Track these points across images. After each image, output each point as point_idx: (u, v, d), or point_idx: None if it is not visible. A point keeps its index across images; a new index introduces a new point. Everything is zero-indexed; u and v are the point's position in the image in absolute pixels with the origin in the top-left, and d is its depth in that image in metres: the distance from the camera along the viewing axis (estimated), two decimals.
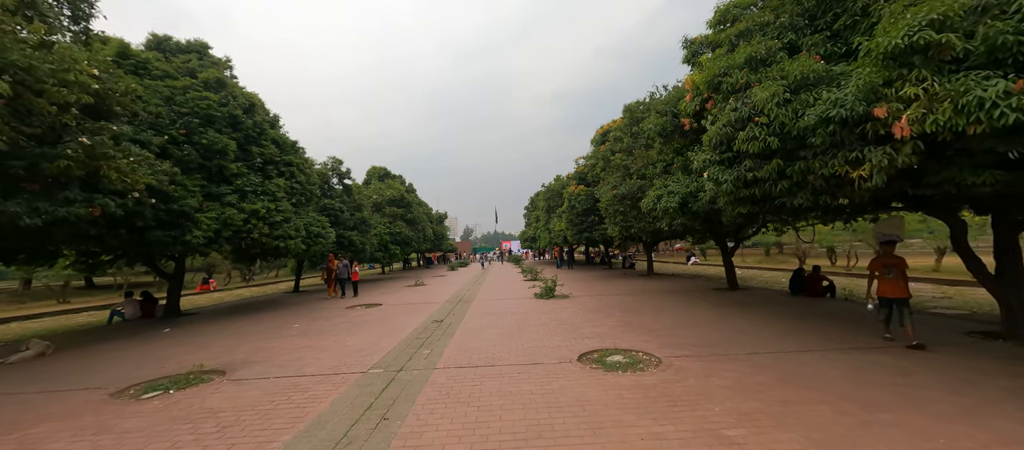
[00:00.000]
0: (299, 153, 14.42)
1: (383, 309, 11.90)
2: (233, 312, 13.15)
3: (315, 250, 14.05)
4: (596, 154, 19.13)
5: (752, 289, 13.43)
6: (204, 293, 24.15)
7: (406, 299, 14.16)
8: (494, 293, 14.79)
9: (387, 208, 26.89)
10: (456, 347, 6.86)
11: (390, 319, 10.03)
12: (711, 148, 5.79)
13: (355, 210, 20.79)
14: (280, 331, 9.13)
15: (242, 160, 12.07)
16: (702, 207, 6.90)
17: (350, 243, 19.09)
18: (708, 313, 9.06)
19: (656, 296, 12.21)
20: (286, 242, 12.22)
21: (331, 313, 11.47)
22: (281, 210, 12.21)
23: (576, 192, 19.16)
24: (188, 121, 10.57)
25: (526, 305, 11.34)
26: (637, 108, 12.35)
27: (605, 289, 14.54)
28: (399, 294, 16.01)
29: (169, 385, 5.48)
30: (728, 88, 5.67)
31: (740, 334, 6.99)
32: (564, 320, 8.87)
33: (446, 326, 8.79)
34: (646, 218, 10.79)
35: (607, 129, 20.05)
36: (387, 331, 8.49)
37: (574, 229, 19.42)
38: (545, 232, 34.22)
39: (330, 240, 14.82)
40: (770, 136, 4.85)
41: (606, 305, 10.76)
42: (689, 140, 7.61)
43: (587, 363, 5.69)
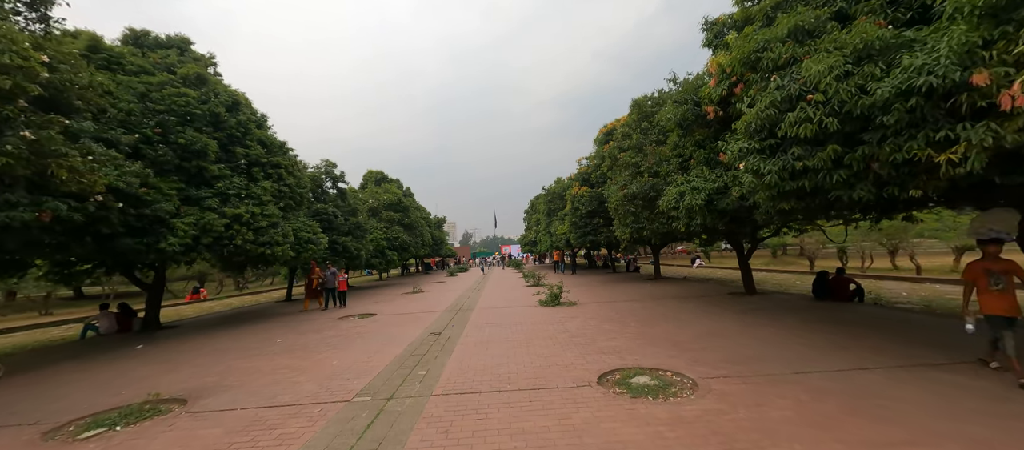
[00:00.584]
0: (288, 154, 13.61)
1: (377, 320, 11.06)
2: (217, 325, 12.28)
3: (305, 257, 13.21)
4: (600, 153, 18.37)
5: (770, 294, 12.62)
6: (194, 303, 23.27)
7: (402, 308, 13.32)
8: (496, 300, 13.95)
9: (384, 213, 26.07)
10: (456, 366, 6.03)
11: (384, 331, 9.19)
12: (747, 135, 5.01)
13: (350, 215, 19.97)
14: (262, 347, 8.29)
15: (225, 161, 11.26)
16: (731, 204, 6.12)
17: (344, 249, 18.26)
18: (733, 322, 8.24)
19: (670, 302, 11.39)
20: (273, 249, 11.39)
21: (321, 325, 10.61)
22: (267, 215, 11.38)
23: (580, 193, 18.39)
24: (164, 119, 9.77)
25: (531, 314, 10.51)
26: (646, 103, 11.61)
27: (613, 295, 13.72)
28: (395, 302, 15.16)
29: (117, 420, 4.63)
30: (769, 65, 4.90)
31: (778, 348, 6.17)
32: (575, 331, 8.04)
33: (445, 340, 7.95)
34: (660, 219, 10.00)
35: (611, 127, 19.31)
36: (379, 346, 7.65)
37: (578, 232, 18.63)
38: (546, 235, 33.41)
39: (322, 246, 13.99)
40: (827, 116, 4.06)
41: (618, 313, 9.94)
42: (712, 131, 6.85)
43: (609, 387, 4.86)
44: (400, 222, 26.75)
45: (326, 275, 14.29)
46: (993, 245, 4.42)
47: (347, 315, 12.24)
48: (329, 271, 14.37)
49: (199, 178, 10.58)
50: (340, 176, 20.23)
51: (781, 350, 6.02)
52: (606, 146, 18.54)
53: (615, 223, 12.38)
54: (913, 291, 13.04)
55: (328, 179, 20.05)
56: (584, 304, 11.84)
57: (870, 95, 3.77)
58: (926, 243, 22.59)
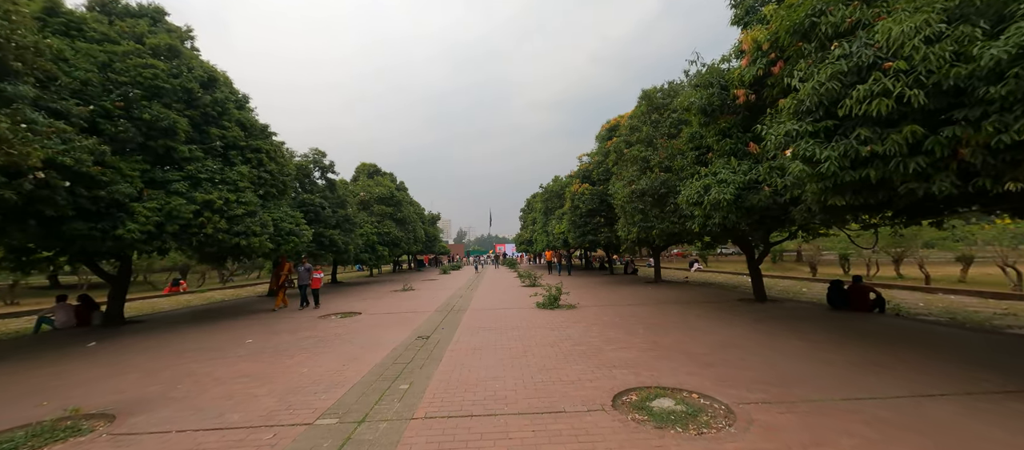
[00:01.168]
0: (270, 139, 12.65)
1: (361, 320, 10.16)
2: (186, 321, 11.31)
3: (287, 250, 12.27)
4: (603, 150, 17.59)
5: (781, 301, 11.90)
6: (173, 295, 22.16)
7: (390, 307, 12.43)
8: (490, 301, 13.11)
9: (375, 206, 25.10)
10: (443, 379, 5.19)
11: (366, 334, 8.31)
12: (797, 116, 4.22)
13: (338, 207, 19.00)
14: (228, 348, 7.38)
15: (197, 142, 10.30)
16: (762, 200, 5.35)
17: (331, 243, 17.31)
18: (750, 332, 7.47)
19: (676, 307, 10.62)
20: (249, 240, 10.45)
21: (298, 325, 9.70)
22: (244, 202, 10.44)
23: (580, 191, 17.59)
24: (127, 92, 8.80)
25: (528, 317, 9.68)
26: (656, 94, 10.83)
27: (615, 298, 12.94)
28: (383, 300, 14.26)
29: (21, 442, 3.74)
30: (828, 31, 4.11)
31: (811, 365, 5.40)
32: (577, 339, 7.23)
33: (433, 345, 7.10)
34: (670, 217, 9.22)
35: (615, 123, 18.54)
36: (358, 352, 6.77)
37: (577, 231, 17.85)
38: (543, 235, 32.62)
39: (305, 239, 13.04)
40: (911, 88, 3.28)
41: (622, 319, 9.15)
42: (740, 118, 6.06)
43: (627, 412, 4.05)
44: (392, 217, 25.80)
45: (300, 271, 12.77)
46: None
47: (329, 314, 11.33)
48: (303, 267, 12.81)
49: (167, 159, 9.64)
50: (329, 166, 19.26)
51: (816, 368, 5.25)
52: (609, 142, 17.76)
53: (620, 222, 11.59)
54: (929, 302, 12.41)
55: (317, 169, 19.06)
56: (585, 307, 11.04)
57: (970, 62, 2.99)
58: (922, 252, 22.11)
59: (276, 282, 13.09)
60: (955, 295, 13.86)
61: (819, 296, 13.87)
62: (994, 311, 10.32)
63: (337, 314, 11.21)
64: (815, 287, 17.31)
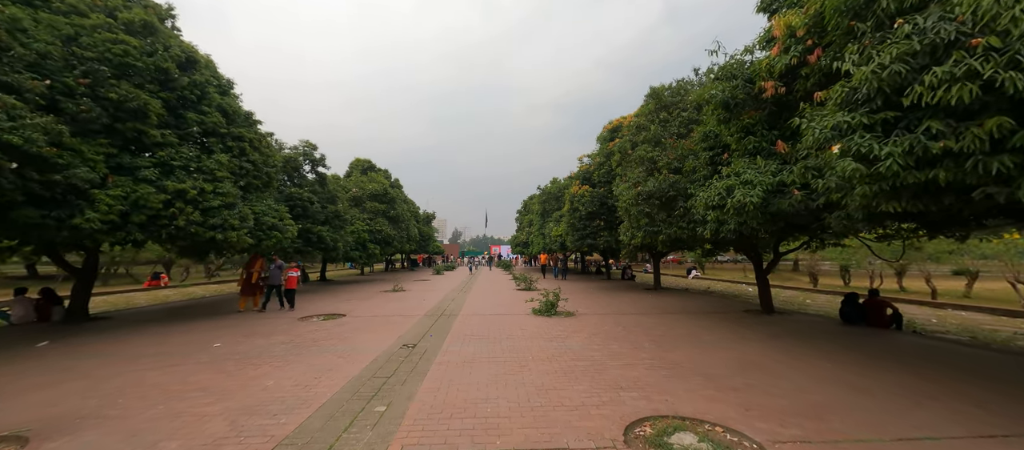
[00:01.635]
0: (254, 127, 11.92)
1: (344, 323, 9.45)
2: (156, 319, 10.53)
3: (269, 245, 11.52)
4: (604, 151, 17.00)
5: (789, 313, 11.33)
6: (153, 289, 21.26)
7: (377, 309, 11.72)
8: (483, 305, 12.44)
9: (367, 203, 24.34)
10: (427, 400, 4.51)
11: (347, 339, 7.61)
12: (847, 107, 3.60)
13: (328, 202, 18.25)
14: (192, 353, 6.66)
15: (172, 127, 9.56)
16: (793, 205, 4.74)
17: (319, 239, 16.56)
18: (768, 349, 6.87)
19: (682, 318, 10.01)
20: (226, 233, 9.70)
21: (274, 327, 8.97)
22: (222, 193, 9.69)
23: (580, 193, 16.98)
24: (93, 68, 8.05)
25: (523, 324, 9.03)
26: (664, 92, 10.24)
27: (615, 306, 12.31)
28: (371, 301, 13.53)
29: None
30: (890, 8, 3.50)
31: (846, 392, 4.79)
32: (579, 352, 6.58)
33: (419, 356, 6.42)
34: (679, 221, 8.61)
35: (617, 124, 17.97)
36: (335, 361, 6.08)
37: (575, 234, 17.22)
38: (539, 237, 31.99)
39: (289, 234, 12.30)
40: (1005, 70, 2.68)
41: (626, 330, 8.52)
42: (766, 114, 5.46)
43: (643, 448, 3.40)
44: (385, 214, 25.05)
45: (271, 269, 11.65)
46: None
47: (310, 315, 10.59)
48: (274, 264, 11.73)
49: (137, 144, 8.89)
50: (320, 160, 18.51)
51: (853, 397, 4.64)
52: (612, 143, 17.18)
53: (623, 225, 10.96)
54: (942, 318, 11.91)
55: (307, 162, 18.31)
56: (584, 315, 10.40)
57: None
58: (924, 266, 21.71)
59: (246, 281, 11.61)
60: (965, 311, 13.39)
61: (825, 308, 13.34)
62: (1014, 331, 9.81)
63: (319, 316, 10.49)
64: (819, 298, 16.82)
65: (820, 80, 4.60)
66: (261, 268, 11.64)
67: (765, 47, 5.61)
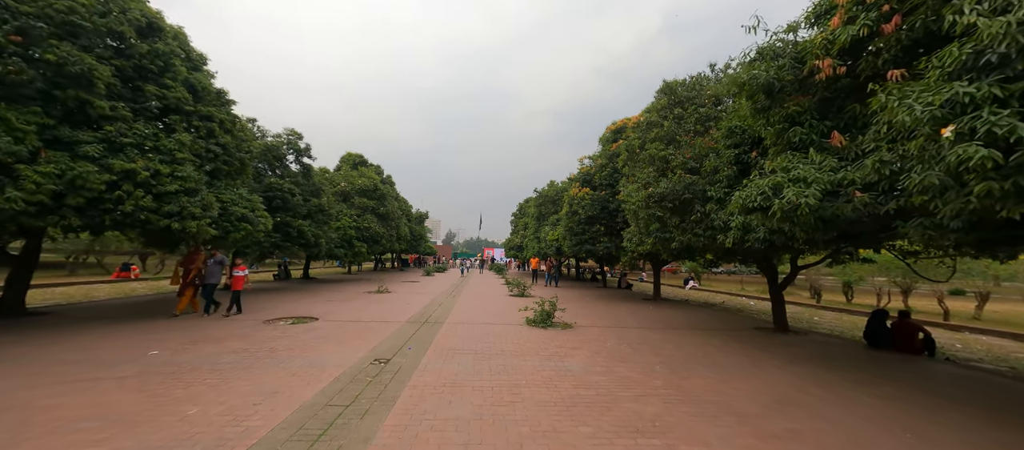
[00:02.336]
0: (227, 108, 10.82)
1: (313, 329, 8.37)
2: (107, 315, 9.36)
3: (237, 238, 10.40)
4: (606, 153, 16.10)
5: (805, 333, 10.41)
6: (121, 281, 19.94)
7: (356, 313, 10.64)
8: (472, 312, 11.41)
9: (356, 199, 23.21)
10: (389, 443, 3.48)
11: (310, 351, 6.54)
12: (956, 77, 2.68)
13: (312, 195, 17.13)
14: (119, 362, 5.56)
15: (127, 100, 8.46)
16: (858, 208, 3.79)
17: (299, 234, 15.43)
18: (794, 377, 5.92)
19: (689, 335, 9.06)
20: (184, 222, 8.59)
21: (230, 332, 7.87)
22: (181, 177, 8.60)
23: (579, 196, 16.04)
24: (29, 24, 6.96)
25: (516, 337, 8.02)
26: (679, 86, 9.34)
27: (615, 317, 11.34)
28: (351, 303, 12.44)
29: None
30: None
31: (916, 444, 3.83)
32: (580, 376, 5.59)
33: (390, 376, 5.38)
34: (694, 228, 7.67)
35: (621, 125, 17.08)
36: (286, 381, 5.02)
37: (574, 239, 16.26)
38: (534, 241, 31.01)
39: (262, 227, 11.19)
40: None
41: (632, 347, 7.54)
42: (816, 100, 4.55)
43: None
44: (374, 211, 23.93)
45: (209, 265, 9.59)
46: None
47: (278, 318, 9.48)
48: (213, 259, 9.71)
49: (79, 116, 7.77)
50: (305, 150, 17.39)
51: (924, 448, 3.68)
52: (615, 143, 16.29)
53: (630, 229, 9.99)
54: (966, 343, 11.11)
55: (291, 151, 17.18)
56: (583, 328, 9.41)
57: None
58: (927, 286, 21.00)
59: (181, 277, 9.64)
60: (985, 335, 12.62)
61: (839, 327, 12.49)
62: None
63: (288, 319, 9.39)
64: (826, 316, 16.00)
65: (897, 55, 3.70)
66: (202, 263, 9.82)
67: (815, 23, 4.70)
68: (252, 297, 13.24)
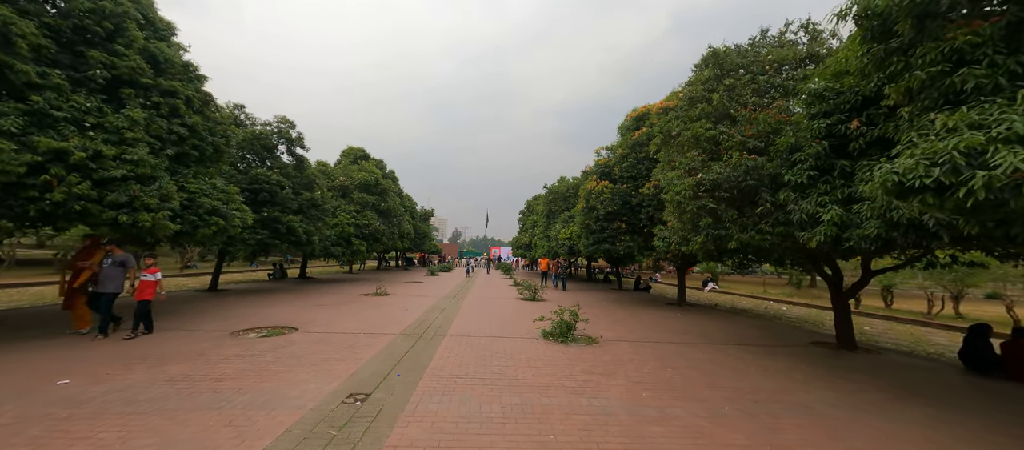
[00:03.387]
0: (196, 84, 9.39)
1: (287, 344, 6.90)
2: (38, 325, 7.98)
3: (206, 234, 8.97)
4: (627, 142, 14.48)
5: (876, 350, 8.72)
6: None
7: (344, 322, 9.17)
8: (479, 321, 9.89)
9: (355, 194, 21.81)
10: None
11: (269, 380, 5.05)
12: None
13: (304, 188, 15.72)
14: (12, 396, 4.12)
15: (63, 66, 7.04)
16: None
17: (289, 231, 14.00)
18: (921, 430, 4.31)
19: (739, 353, 7.46)
20: (136, 215, 7.18)
21: (176, 349, 6.41)
22: (131, 160, 7.18)
23: (598, 189, 14.43)
24: None
25: (532, 357, 6.48)
26: (730, 54, 7.72)
27: (642, 327, 9.75)
28: (342, 309, 10.98)
29: None
30: None
31: None
32: (628, 425, 4.03)
33: (364, 424, 3.86)
34: (760, 223, 6.05)
35: (643, 112, 15.43)
36: (210, 436, 3.52)
37: (591, 237, 14.66)
38: (543, 240, 29.43)
39: (237, 223, 9.76)
40: None
41: (677, 372, 5.97)
42: (1002, 26, 2.96)
43: None
44: (375, 207, 22.50)
45: (104, 267, 6.98)
46: None
47: (249, 329, 8.03)
48: (109, 260, 7.06)
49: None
50: (297, 139, 15.97)
51: None
52: (637, 132, 14.66)
53: (669, 225, 8.34)
54: None
55: (281, 141, 15.76)
56: (610, 343, 7.85)
57: None
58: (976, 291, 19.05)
59: (68, 282, 7.18)
60: None
61: (901, 339, 10.75)
62: None
63: (261, 330, 7.93)
64: (877, 325, 14.22)
65: None
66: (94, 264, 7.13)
67: None
68: (232, 301, 11.86)
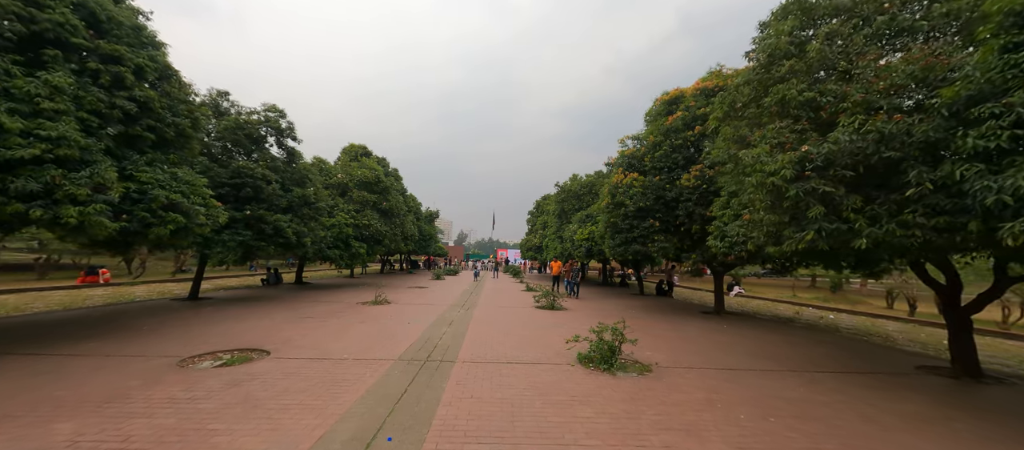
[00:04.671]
0: (152, 52, 7.75)
1: (244, 379, 5.18)
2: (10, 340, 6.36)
3: (160, 234, 7.30)
4: (659, 129, 12.65)
5: (1008, 380, 6.81)
6: (84, 287, 17.27)
7: (328, 342, 7.45)
8: (494, 337, 8.13)
9: (354, 192, 20.18)
10: None
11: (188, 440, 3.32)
12: None
13: (295, 184, 14.09)
14: None
15: None
16: None
17: (276, 231, 12.35)
18: None
19: (840, 384, 5.62)
20: (57, 209, 5.53)
21: (81, 396, 4.73)
22: (48, 138, 5.53)
23: (626, 182, 12.61)
24: None
25: (576, 398, 4.71)
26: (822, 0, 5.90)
27: (697, 348, 7.95)
28: (331, 323, 9.28)
29: None
30: None
31: None
32: None
33: None
34: (905, 211, 4.21)
35: (674, 95, 13.60)
36: None
37: (618, 237, 12.82)
38: (556, 241, 27.61)
39: (202, 219, 8.11)
40: None
41: (788, 425, 4.17)
42: None
43: None
44: (376, 206, 20.86)
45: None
46: None
47: (206, 355, 6.33)
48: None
49: None
50: (287, 130, 14.33)
51: None
52: (670, 117, 12.83)
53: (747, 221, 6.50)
54: None
55: (270, 132, 14.12)
56: (668, 370, 6.07)
57: None
58: None
59: None
60: None
61: (1003, 359, 8.75)
62: None
63: (223, 355, 6.23)
64: (936, 333, 12.20)
65: None
66: None
67: None
68: (207, 313, 10.21)
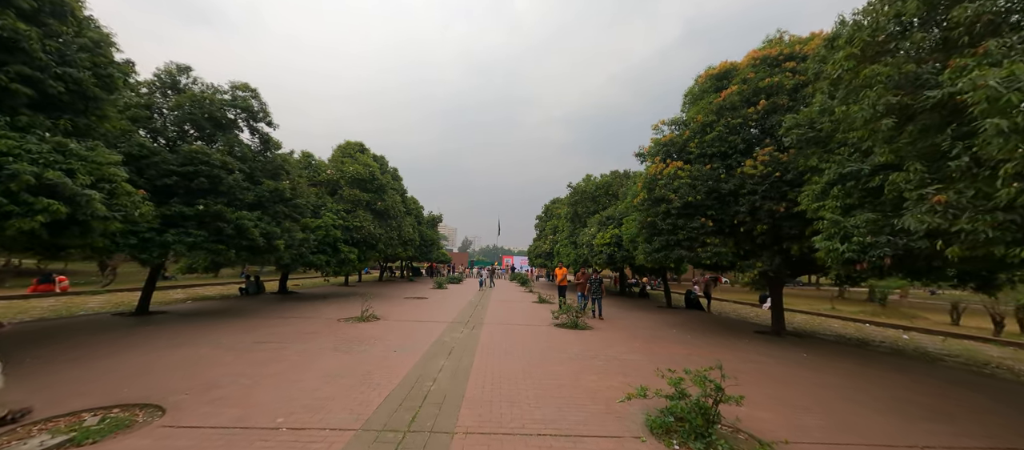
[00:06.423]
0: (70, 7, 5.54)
1: None
2: None
3: (24, 228, 5.04)
4: (710, 106, 10.33)
5: None
6: (37, 296, 15.09)
7: (260, 399, 5.12)
8: (509, 383, 5.78)
9: (346, 190, 17.95)
10: None
11: None
12: None
13: (269, 176, 11.86)
14: None
15: None
16: None
17: (239, 233, 10.07)
18: None
19: None
20: None
21: None
22: None
23: (668, 172, 10.21)
24: None
25: None
26: None
27: (816, 404, 5.59)
28: (287, 357, 6.95)
29: None
30: None
31: None
32: None
33: None
34: None
35: (723, 69, 11.29)
36: None
37: (658, 240, 10.38)
38: (568, 246, 25.23)
39: (99, 209, 5.85)
40: None
41: None
42: None
43: None
44: (370, 206, 18.61)
45: None
46: None
47: (66, 416, 4.01)
48: None
49: None
50: (259, 113, 12.12)
51: None
52: (722, 94, 10.50)
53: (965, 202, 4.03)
54: None
55: (239, 115, 11.89)
56: (777, 431, 3.68)
57: None
58: None
59: None
60: None
61: None
62: None
63: (78, 424, 3.91)
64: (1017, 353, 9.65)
65: None
66: None
67: None
68: (137, 336, 7.92)
